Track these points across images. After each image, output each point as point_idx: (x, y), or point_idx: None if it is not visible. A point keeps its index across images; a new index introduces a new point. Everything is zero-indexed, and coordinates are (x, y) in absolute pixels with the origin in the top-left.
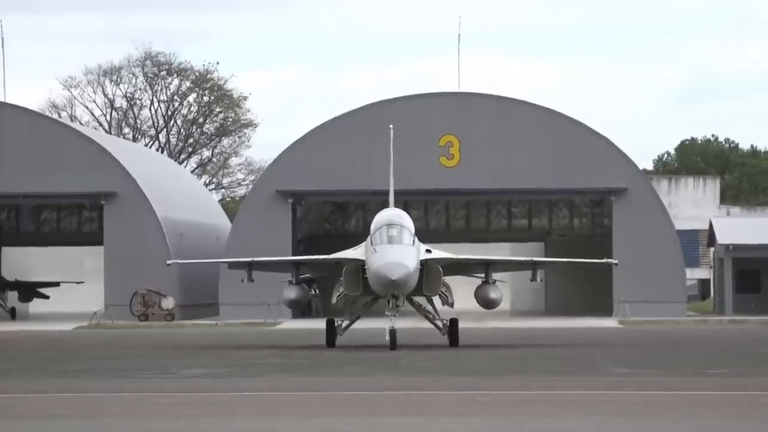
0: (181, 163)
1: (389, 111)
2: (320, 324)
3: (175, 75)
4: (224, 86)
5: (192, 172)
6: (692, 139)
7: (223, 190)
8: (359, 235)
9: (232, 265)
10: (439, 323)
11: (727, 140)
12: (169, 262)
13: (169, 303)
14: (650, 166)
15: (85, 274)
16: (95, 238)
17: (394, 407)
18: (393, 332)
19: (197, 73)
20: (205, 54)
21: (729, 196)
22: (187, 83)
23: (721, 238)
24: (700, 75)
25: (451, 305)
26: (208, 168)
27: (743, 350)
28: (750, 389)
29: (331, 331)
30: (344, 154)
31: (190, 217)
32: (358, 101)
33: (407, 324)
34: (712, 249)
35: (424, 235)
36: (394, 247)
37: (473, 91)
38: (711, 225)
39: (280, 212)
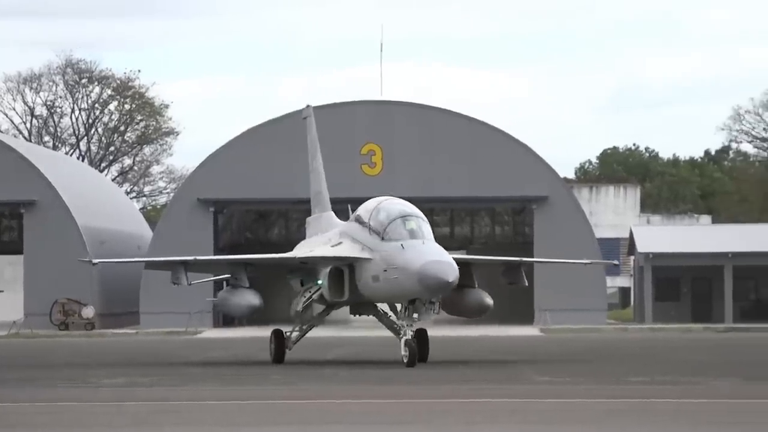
0: (102, 171)
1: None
2: (245, 333)
3: (96, 83)
4: (146, 94)
5: (113, 180)
6: (614, 147)
7: (144, 198)
8: (281, 244)
9: (166, 265)
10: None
11: (647, 149)
12: (95, 260)
13: (89, 312)
14: (572, 175)
15: (5, 283)
16: (14, 247)
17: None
18: (412, 346)
19: (118, 81)
20: (128, 61)
21: (649, 205)
22: (108, 91)
23: (642, 247)
24: (623, 85)
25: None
26: (130, 176)
27: (663, 358)
28: (669, 397)
29: (280, 345)
30: (267, 162)
31: (110, 225)
32: (282, 109)
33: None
34: (632, 257)
35: None
36: (426, 243)
37: (396, 100)
38: (631, 233)
39: (201, 220)
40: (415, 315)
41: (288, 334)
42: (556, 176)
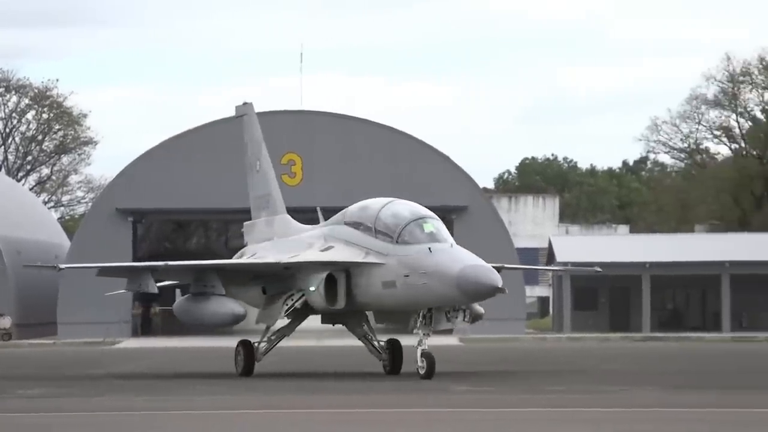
0: (19, 181)
1: (231, 129)
2: (166, 343)
3: (14, 92)
4: (64, 103)
5: (30, 189)
6: (532, 158)
7: (62, 208)
8: (201, 254)
9: (128, 271)
10: (377, 344)
11: (566, 159)
12: (61, 266)
13: (5, 322)
14: (491, 185)
15: None
16: None
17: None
18: (431, 356)
19: (36, 90)
20: (46, 70)
21: (568, 215)
22: (26, 100)
23: (560, 256)
24: (541, 95)
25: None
26: (47, 186)
27: (580, 367)
28: (585, 406)
29: (249, 356)
30: (186, 172)
31: (28, 235)
32: (202, 119)
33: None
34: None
35: None
36: (455, 246)
37: (316, 110)
38: (550, 243)
39: (120, 230)
40: (430, 324)
41: (256, 344)
42: (476, 186)
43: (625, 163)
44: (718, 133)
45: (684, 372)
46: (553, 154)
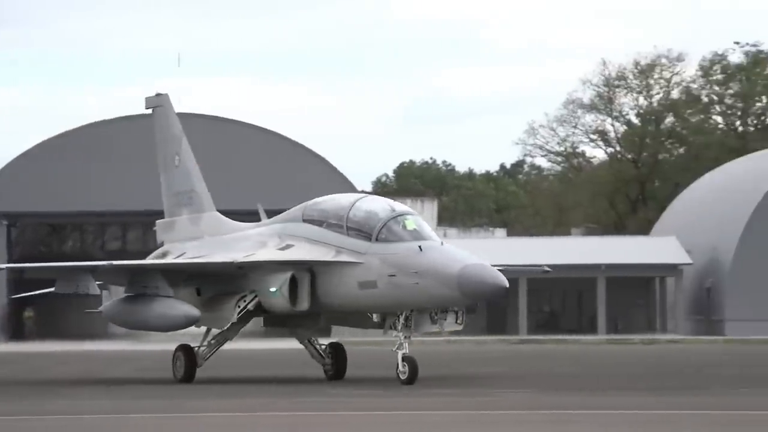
0: None
1: (108, 131)
2: (38, 347)
3: None
4: None
5: None
6: (410, 161)
7: None
8: (77, 257)
9: (65, 272)
10: (319, 349)
11: (444, 162)
12: (1, 266)
13: None
14: (369, 188)
15: None
16: None
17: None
18: (413, 361)
19: None
20: None
21: (446, 218)
22: None
23: None
24: (419, 98)
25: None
26: None
27: (457, 370)
28: (462, 408)
29: (190, 361)
30: (61, 174)
31: None
32: (78, 121)
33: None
34: None
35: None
36: (445, 244)
37: (191, 112)
38: None
39: None
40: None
41: (197, 348)
42: (353, 189)
43: (502, 166)
44: (594, 137)
45: (560, 375)
46: (431, 158)
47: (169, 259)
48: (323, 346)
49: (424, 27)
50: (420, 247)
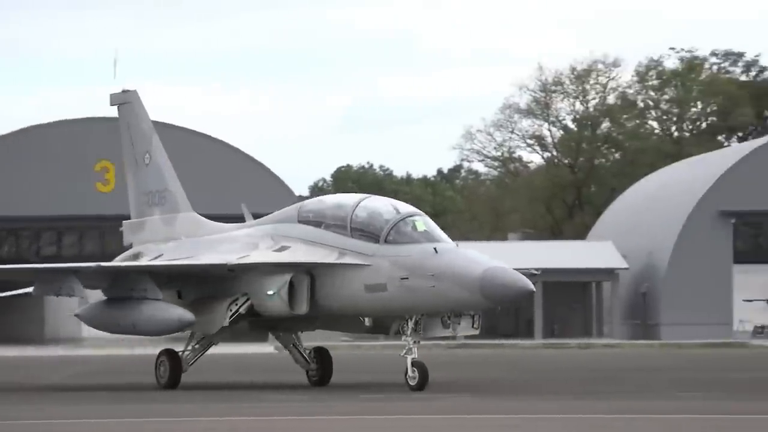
0: None
1: (45, 135)
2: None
3: None
4: None
5: None
6: (348, 165)
7: None
8: (12, 260)
9: (47, 274)
10: (304, 353)
11: (381, 167)
12: None
13: None
14: (306, 192)
15: None
16: None
17: None
18: (423, 366)
19: None
20: None
21: None
22: None
23: None
24: (357, 103)
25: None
26: None
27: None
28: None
29: (175, 366)
30: None
31: None
32: (12, 126)
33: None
34: None
35: (81, 260)
36: (460, 247)
37: None
38: None
39: None
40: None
41: (182, 353)
42: (291, 194)
43: (440, 171)
44: (530, 141)
45: (497, 379)
46: (368, 162)
47: (144, 261)
48: (308, 351)
49: (362, 32)
50: (435, 249)
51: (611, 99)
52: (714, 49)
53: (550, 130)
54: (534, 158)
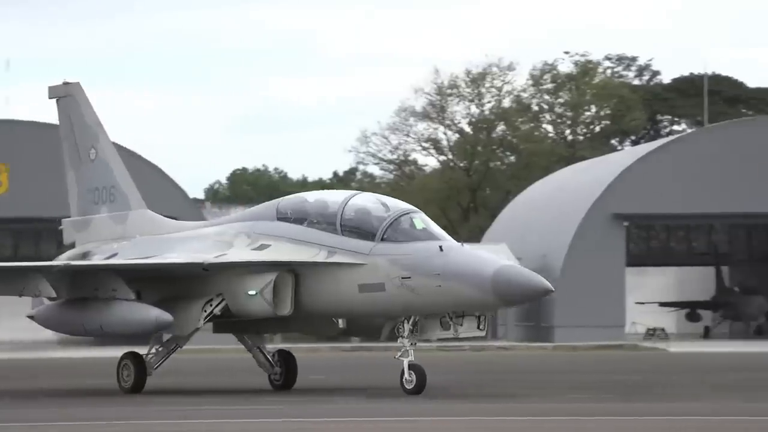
0: None
1: None
2: None
3: None
4: None
5: None
6: (243, 168)
7: None
8: None
9: (10, 273)
10: (268, 356)
11: (276, 170)
12: None
13: None
14: (201, 195)
15: None
16: None
17: None
18: (421, 369)
19: None
20: None
21: None
22: None
23: None
24: (252, 106)
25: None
26: None
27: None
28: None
29: (140, 370)
30: None
31: None
32: None
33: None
34: None
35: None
36: (465, 246)
37: (22, 119)
38: None
39: None
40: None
41: (146, 356)
42: (186, 197)
43: (335, 174)
44: (426, 145)
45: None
46: (263, 165)
47: (97, 260)
48: (272, 354)
49: (258, 35)
50: (441, 247)
51: (506, 102)
52: (607, 53)
53: (445, 134)
54: (429, 161)
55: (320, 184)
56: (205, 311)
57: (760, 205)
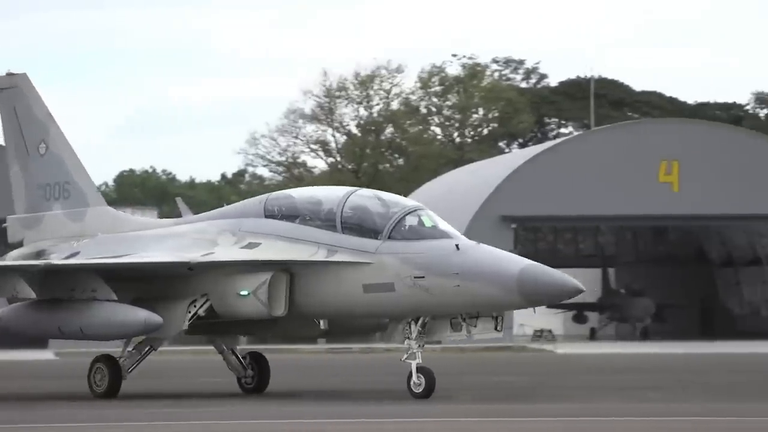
0: None
1: None
2: None
3: None
4: None
5: None
6: (130, 170)
7: None
8: None
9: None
10: (241, 359)
11: (164, 171)
12: None
13: None
14: None
15: None
16: None
17: None
18: (430, 372)
19: None
20: None
21: None
22: None
23: None
24: (140, 107)
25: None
26: None
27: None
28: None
29: (115, 373)
30: None
31: None
32: None
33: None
34: None
35: None
36: (481, 245)
37: None
38: None
39: None
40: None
41: (120, 359)
42: None
43: (224, 176)
44: (315, 147)
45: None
46: (151, 167)
47: (57, 259)
48: (244, 357)
49: (145, 36)
50: (457, 245)
51: (395, 105)
52: (495, 56)
53: (334, 136)
54: (318, 163)
55: (209, 186)
56: (190, 312)
57: (646, 208)
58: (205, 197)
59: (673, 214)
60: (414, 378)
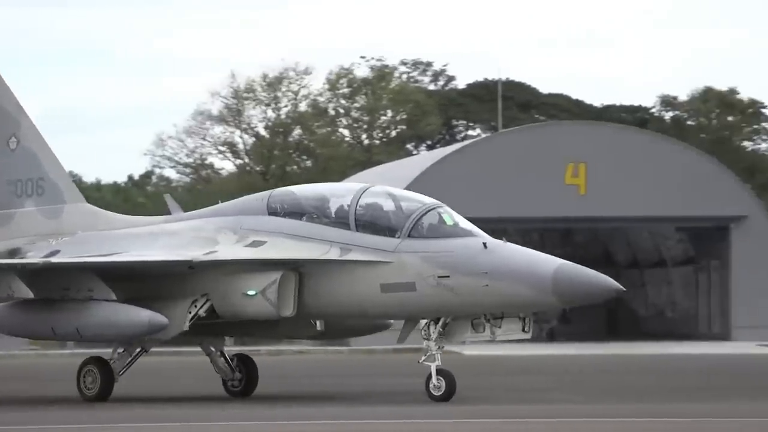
0: None
1: None
2: None
3: None
4: None
5: None
6: None
7: None
8: None
9: None
10: (228, 361)
11: (71, 173)
12: None
13: None
14: None
15: None
16: None
17: None
18: (450, 375)
19: None
20: None
21: None
22: None
23: None
24: (49, 108)
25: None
26: None
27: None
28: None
29: (107, 375)
30: None
31: None
32: None
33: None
34: None
35: None
36: (509, 243)
37: None
38: None
39: None
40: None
41: (111, 361)
42: None
43: (130, 177)
44: (222, 148)
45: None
46: None
47: (36, 258)
48: (231, 359)
49: (55, 36)
50: (485, 244)
51: (303, 107)
52: (403, 58)
53: (242, 137)
54: (226, 165)
55: (115, 188)
56: (191, 313)
57: (553, 210)
58: (112, 199)
59: (580, 216)
60: (434, 380)
